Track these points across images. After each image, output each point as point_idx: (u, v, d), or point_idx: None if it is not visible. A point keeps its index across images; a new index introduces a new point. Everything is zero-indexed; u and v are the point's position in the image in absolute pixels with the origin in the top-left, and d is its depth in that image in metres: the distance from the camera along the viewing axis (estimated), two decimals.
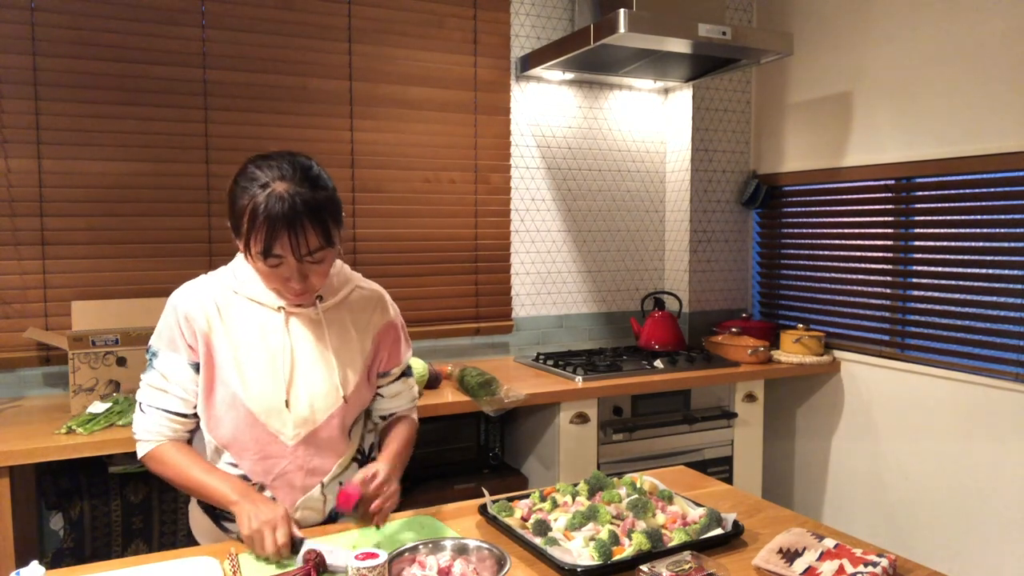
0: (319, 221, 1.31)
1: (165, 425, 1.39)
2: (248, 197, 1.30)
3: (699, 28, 2.42)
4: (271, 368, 1.40)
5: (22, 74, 2.25)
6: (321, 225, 1.32)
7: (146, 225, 2.43)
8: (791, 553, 1.25)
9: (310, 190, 1.32)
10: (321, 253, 1.34)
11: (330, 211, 1.35)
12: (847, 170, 2.95)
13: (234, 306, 1.43)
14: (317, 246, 1.33)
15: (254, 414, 1.39)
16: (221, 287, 1.45)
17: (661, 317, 3.03)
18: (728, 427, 2.81)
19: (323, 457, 1.45)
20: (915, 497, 2.74)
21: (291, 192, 1.29)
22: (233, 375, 1.39)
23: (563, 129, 3.10)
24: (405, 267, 2.81)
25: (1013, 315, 2.43)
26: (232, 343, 1.40)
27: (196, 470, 1.37)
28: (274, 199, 1.28)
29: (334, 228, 1.36)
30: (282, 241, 1.29)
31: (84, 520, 2.24)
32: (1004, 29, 2.40)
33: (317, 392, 1.43)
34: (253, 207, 1.29)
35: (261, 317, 1.43)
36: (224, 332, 1.40)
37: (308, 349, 1.44)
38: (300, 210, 1.29)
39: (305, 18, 2.59)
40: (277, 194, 1.29)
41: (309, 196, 1.31)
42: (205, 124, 2.48)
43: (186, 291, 1.44)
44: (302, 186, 1.31)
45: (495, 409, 2.32)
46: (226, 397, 1.39)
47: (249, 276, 1.44)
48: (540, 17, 3.01)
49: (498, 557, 1.20)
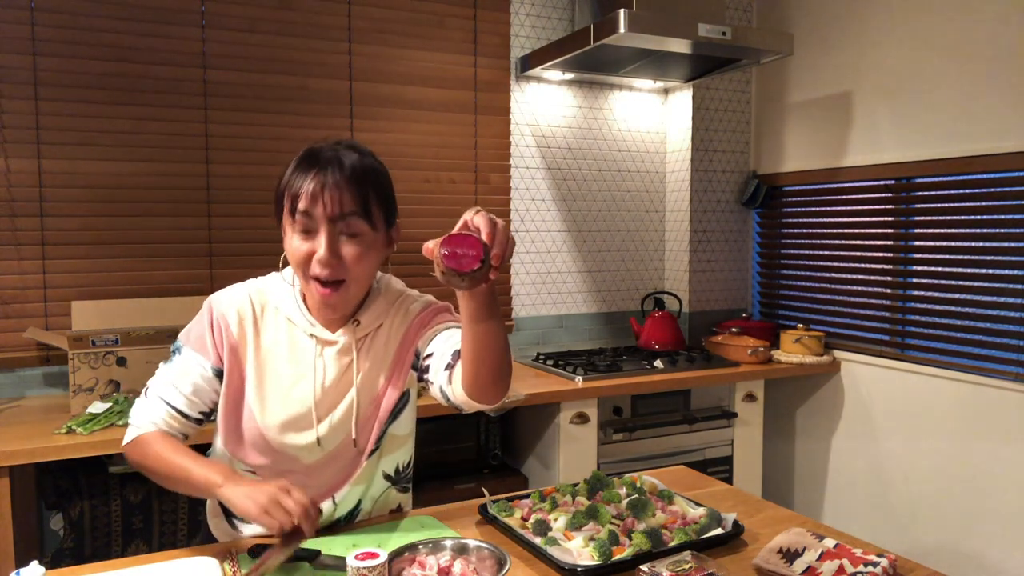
0: (357, 183, 1.23)
1: (162, 418, 1.31)
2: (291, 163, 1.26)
3: (699, 28, 2.42)
4: (293, 393, 1.33)
5: (22, 74, 2.25)
6: (359, 189, 1.23)
7: (146, 225, 2.43)
8: (791, 553, 1.25)
9: (357, 155, 1.26)
10: (357, 223, 1.24)
11: (374, 181, 1.26)
12: (847, 170, 2.95)
13: (269, 320, 1.35)
14: (352, 210, 1.22)
15: (268, 438, 1.32)
16: (260, 297, 1.37)
17: (661, 317, 3.03)
18: (728, 427, 2.81)
19: (341, 475, 1.37)
20: (915, 497, 2.74)
21: (334, 149, 1.25)
22: (254, 393, 1.32)
23: (563, 129, 3.10)
24: (405, 267, 2.80)
25: (1013, 315, 2.43)
26: (260, 359, 1.33)
27: (180, 457, 1.24)
28: (314, 151, 1.25)
29: (376, 202, 1.26)
30: (311, 192, 1.21)
31: (84, 520, 2.24)
32: (1003, 29, 2.40)
33: (336, 425, 1.34)
34: (294, 164, 1.25)
35: (293, 337, 1.34)
36: (255, 346, 1.33)
37: (334, 378, 1.34)
38: (339, 164, 1.23)
39: (305, 18, 2.59)
40: (319, 148, 1.26)
41: (354, 158, 1.25)
42: (205, 124, 2.48)
43: (226, 295, 1.36)
44: (349, 151, 1.26)
45: (495, 409, 2.32)
46: (246, 413, 1.33)
47: (288, 293, 1.36)
48: (540, 17, 3.01)
49: (498, 557, 1.19)
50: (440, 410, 2.29)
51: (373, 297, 1.38)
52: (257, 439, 1.33)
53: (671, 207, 3.32)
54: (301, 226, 1.24)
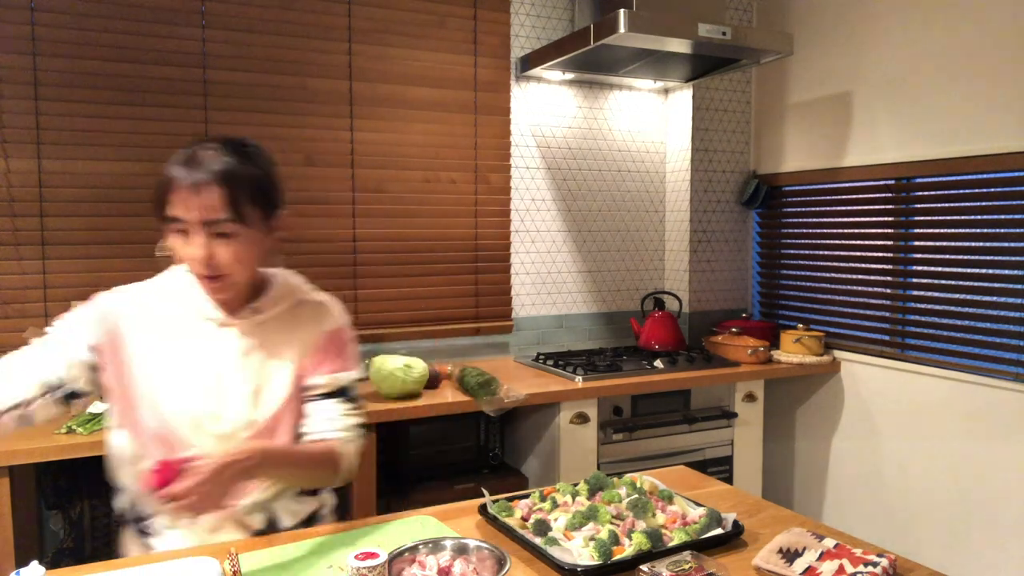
0: (226, 185, 1.23)
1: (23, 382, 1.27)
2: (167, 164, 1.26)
3: (699, 28, 2.42)
4: (193, 382, 1.32)
5: (22, 74, 2.25)
6: (228, 190, 1.23)
7: (146, 225, 2.43)
8: (791, 553, 1.25)
9: (229, 155, 1.25)
10: (228, 226, 1.25)
11: (247, 182, 1.26)
12: (847, 170, 2.95)
13: (162, 313, 1.36)
14: (221, 215, 1.23)
15: (171, 427, 1.31)
16: (152, 292, 1.39)
17: (661, 317, 3.03)
18: (728, 427, 2.81)
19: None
20: (915, 497, 2.74)
21: (204, 152, 1.24)
22: (151, 383, 1.31)
23: (563, 129, 3.10)
24: (405, 267, 2.81)
25: (1013, 315, 2.43)
26: (154, 351, 1.33)
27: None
28: (185, 155, 1.24)
29: (248, 204, 1.26)
30: (182, 198, 1.22)
31: (84, 520, 2.24)
32: (1004, 29, 2.40)
33: (238, 412, 1.33)
34: (167, 167, 1.25)
35: (190, 327, 1.35)
36: (146, 338, 1.33)
37: (234, 366, 1.34)
38: (207, 167, 1.23)
39: (305, 18, 2.59)
40: (189, 151, 1.25)
41: (225, 160, 1.25)
42: (205, 124, 2.48)
43: (112, 292, 1.38)
44: (222, 152, 1.25)
45: (495, 409, 2.32)
46: (143, 405, 1.31)
47: (184, 284, 1.37)
48: (540, 17, 3.01)
49: (498, 557, 1.19)
50: (440, 410, 2.29)
51: (270, 286, 1.41)
52: (159, 432, 1.31)
53: (671, 207, 3.32)
54: (176, 229, 1.26)
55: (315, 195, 2.64)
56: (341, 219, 2.68)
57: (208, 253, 1.25)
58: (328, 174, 2.66)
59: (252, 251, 1.31)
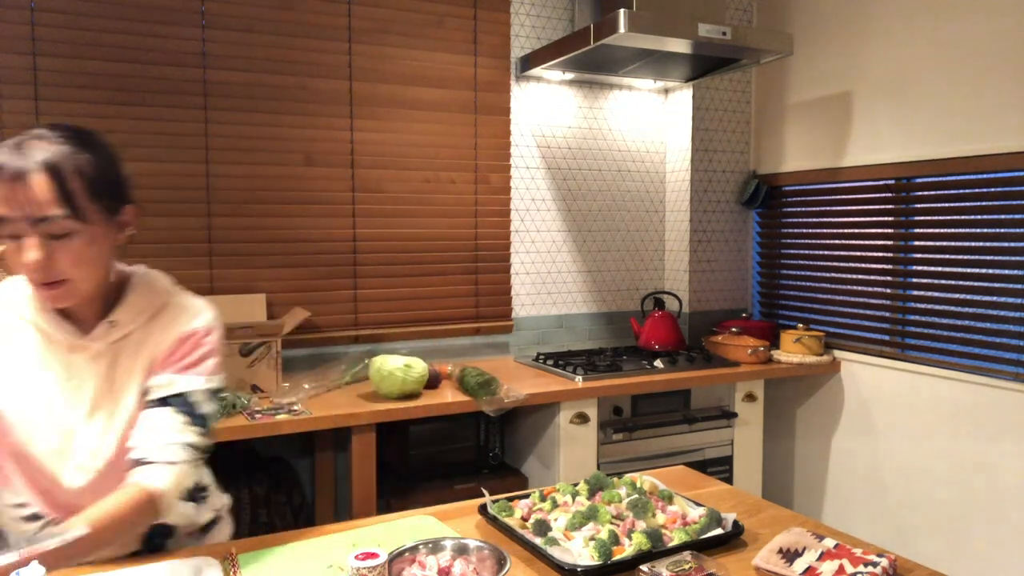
0: (56, 177, 1.07)
1: None
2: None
3: (699, 28, 2.42)
4: (49, 404, 1.18)
5: (22, 74, 2.25)
6: (59, 182, 1.07)
7: (146, 225, 2.42)
8: (791, 553, 1.25)
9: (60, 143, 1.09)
10: (63, 223, 1.08)
11: (75, 172, 1.09)
12: (847, 170, 2.95)
13: (10, 331, 1.21)
14: (52, 212, 1.07)
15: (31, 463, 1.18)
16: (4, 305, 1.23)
17: (661, 317, 3.03)
18: (728, 427, 2.81)
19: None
20: (915, 497, 2.74)
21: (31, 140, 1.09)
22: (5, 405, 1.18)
23: (563, 129, 3.10)
24: (405, 267, 2.81)
25: (1013, 315, 2.43)
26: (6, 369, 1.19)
27: None
28: (10, 144, 1.08)
29: (83, 195, 1.10)
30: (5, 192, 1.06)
31: None
32: (1003, 29, 2.40)
33: (92, 443, 1.19)
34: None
35: (40, 345, 1.20)
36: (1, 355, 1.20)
37: (91, 385, 1.19)
38: (31, 156, 1.07)
39: (305, 18, 2.59)
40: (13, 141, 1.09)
41: (54, 148, 1.08)
42: (205, 124, 2.48)
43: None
44: (53, 140, 1.10)
45: (495, 409, 2.32)
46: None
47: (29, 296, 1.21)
48: (540, 17, 3.01)
49: (498, 557, 1.19)
50: (440, 410, 2.29)
51: (130, 292, 1.25)
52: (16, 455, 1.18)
53: (671, 207, 3.32)
54: (6, 231, 1.10)
55: (315, 195, 2.64)
56: (341, 219, 2.68)
57: (41, 256, 1.08)
58: (328, 174, 2.66)
59: (95, 252, 1.15)
